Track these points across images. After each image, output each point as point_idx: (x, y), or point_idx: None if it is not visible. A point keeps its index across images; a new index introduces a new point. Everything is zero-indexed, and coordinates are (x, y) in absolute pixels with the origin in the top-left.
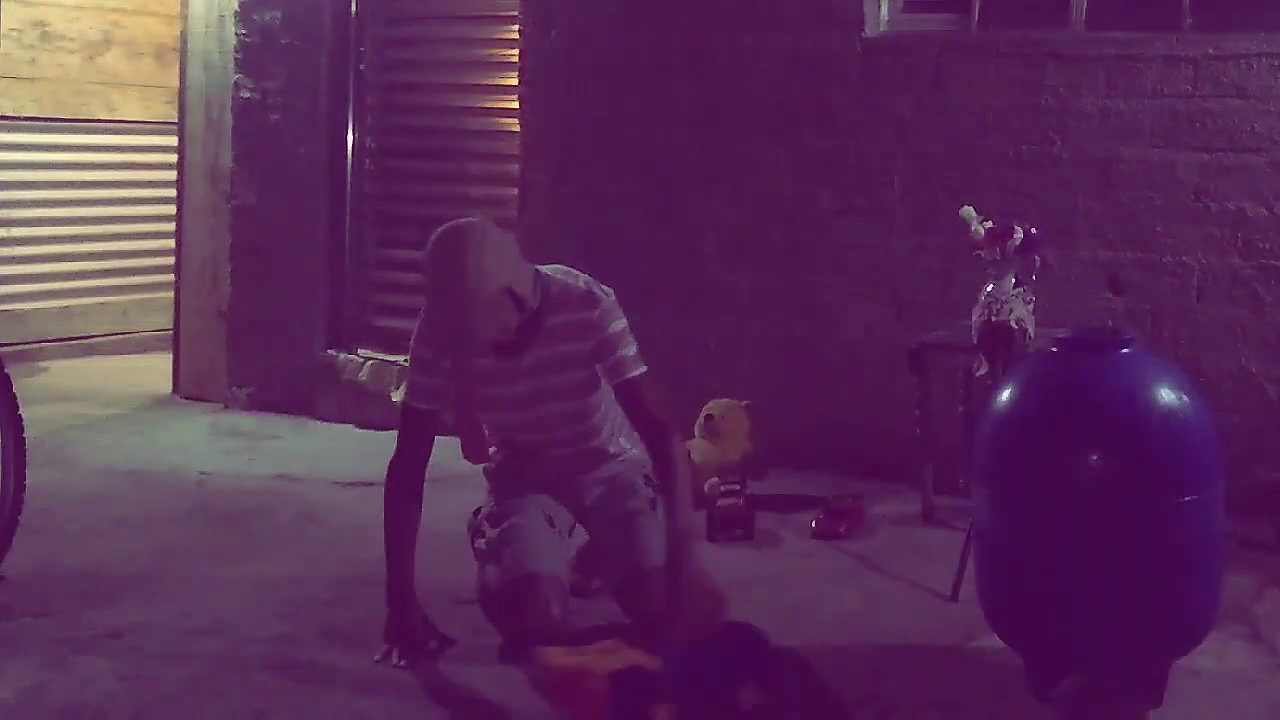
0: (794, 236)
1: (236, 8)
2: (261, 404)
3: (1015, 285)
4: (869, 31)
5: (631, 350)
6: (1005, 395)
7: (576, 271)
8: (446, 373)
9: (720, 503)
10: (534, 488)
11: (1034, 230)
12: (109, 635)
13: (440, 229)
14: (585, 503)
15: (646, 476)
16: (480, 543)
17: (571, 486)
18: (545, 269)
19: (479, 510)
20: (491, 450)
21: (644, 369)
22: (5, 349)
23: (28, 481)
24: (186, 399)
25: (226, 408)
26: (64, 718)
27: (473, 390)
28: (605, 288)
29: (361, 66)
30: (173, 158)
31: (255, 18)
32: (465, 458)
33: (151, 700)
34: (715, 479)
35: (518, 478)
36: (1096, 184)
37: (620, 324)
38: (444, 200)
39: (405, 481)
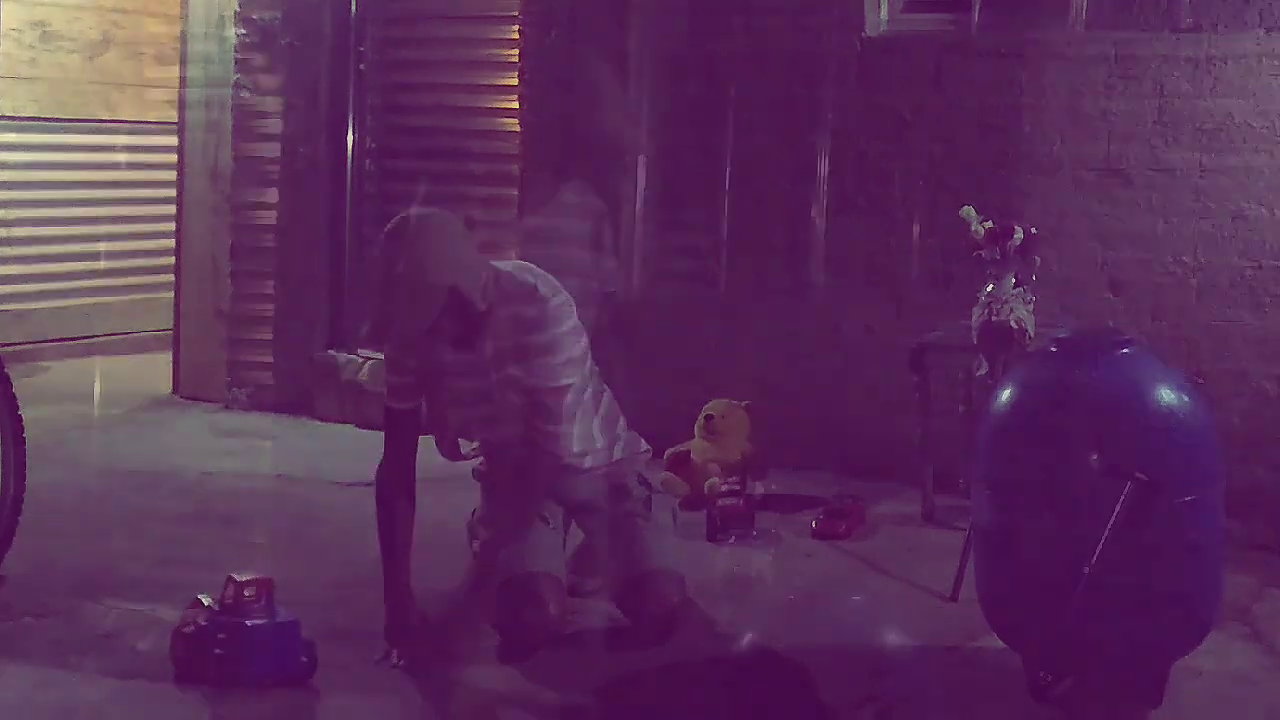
0: (794, 236)
1: (236, 8)
2: (261, 404)
3: (1015, 285)
4: (869, 31)
5: (557, 358)
6: (1005, 395)
7: (537, 270)
8: (415, 370)
9: (720, 503)
10: None
11: (1034, 230)
12: (109, 635)
13: (399, 216)
14: (575, 498)
15: (640, 476)
16: (476, 545)
17: (554, 485)
18: (504, 264)
19: (476, 510)
20: (475, 446)
21: (562, 383)
22: (5, 349)
23: (28, 481)
24: (186, 399)
25: (226, 408)
26: (64, 718)
27: (440, 384)
28: (559, 290)
29: (361, 66)
30: (173, 158)
31: (255, 18)
32: (441, 455)
33: (151, 700)
34: (715, 479)
35: (504, 479)
36: (1096, 184)
37: (557, 330)
38: (444, 200)
39: (394, 482)
